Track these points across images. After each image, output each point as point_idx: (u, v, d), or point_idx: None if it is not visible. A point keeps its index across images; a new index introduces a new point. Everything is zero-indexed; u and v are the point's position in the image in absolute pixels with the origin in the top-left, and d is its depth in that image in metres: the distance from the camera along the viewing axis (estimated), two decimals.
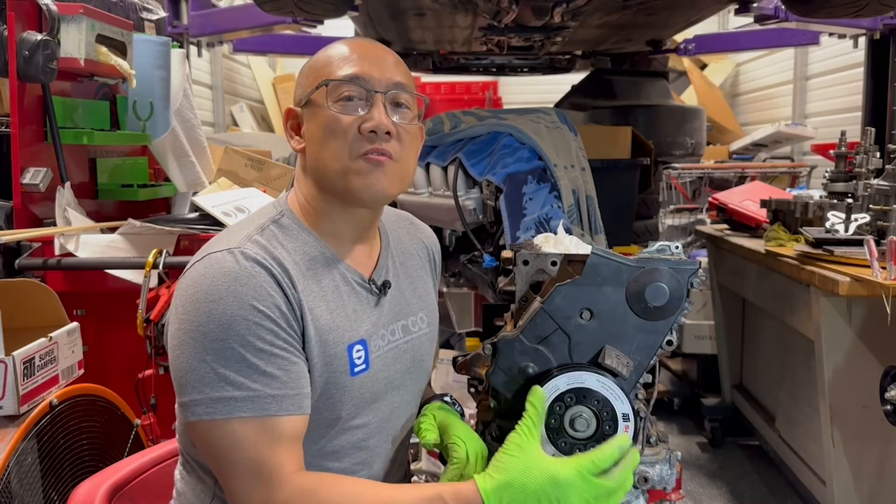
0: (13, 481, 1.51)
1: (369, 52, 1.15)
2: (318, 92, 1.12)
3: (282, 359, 1.02)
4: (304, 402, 1.04)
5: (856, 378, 2.31)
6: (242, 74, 8.10)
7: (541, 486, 0.94)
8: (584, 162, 2.76)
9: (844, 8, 2.80)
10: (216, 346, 1.00)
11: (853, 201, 2.56)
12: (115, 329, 2.36)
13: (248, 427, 0.99)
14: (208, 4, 4.38)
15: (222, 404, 0.99)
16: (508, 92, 8.69)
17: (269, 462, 0.99)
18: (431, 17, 3.49)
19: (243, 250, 1.05)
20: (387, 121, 1.10)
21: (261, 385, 1.00)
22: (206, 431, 1.01)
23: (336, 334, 1.10)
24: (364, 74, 1.11)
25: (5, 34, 2.35)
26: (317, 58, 1.17)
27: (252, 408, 0.99)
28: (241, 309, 1.00)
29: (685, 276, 1.12)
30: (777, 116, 7.02)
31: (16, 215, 2.39)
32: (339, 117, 1.10)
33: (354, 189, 1.11)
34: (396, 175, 1.13)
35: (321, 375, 1.08)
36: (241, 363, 1.00)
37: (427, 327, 1.28)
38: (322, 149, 1.11)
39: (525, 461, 0.97)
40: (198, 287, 1.02)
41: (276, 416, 1.00)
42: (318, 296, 1.09)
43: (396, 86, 1.13)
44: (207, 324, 1.00)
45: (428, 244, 1.38)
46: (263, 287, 1.02)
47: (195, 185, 3.08)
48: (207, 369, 1.00)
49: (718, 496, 3.03)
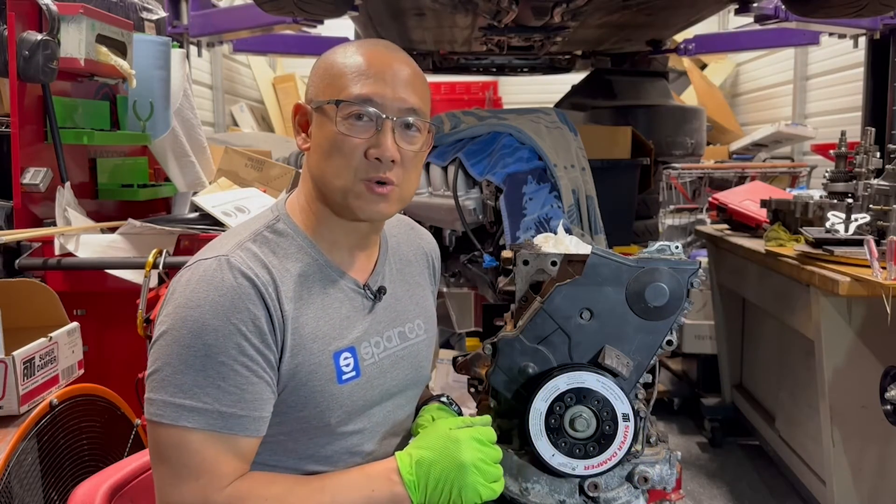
0: (13, 481, 1.51)
1: (386, 66, 1.11)
2: (329, 105, 1.10)
3: (241, 377, 1.02)
4: (254, 424, 1.04)
5: (856, 378, 2.31)
6: (242, 74, 8.10)
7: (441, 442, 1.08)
8: (584, 162, 2.76)
9: (844, 8, 2.80)
10: (182, 353, 1.01)
11: (853, 201, 2.56)
12: (115, 329, 2.36)
13: (193, 435, 1.00)
14: (208, 4, 4.38)
15: (172, 409, 1.00)
16: (508, 92, 8.68)
17: (207, 470, 1.00)
18: (431, 17, 3.49)
19: (230, 260, 1.05)
20: (393, 149, 1.09)
21: (212, 399, 1.00)
22: (153, 431, 1.03)
23: (321, 342, 1.09)
24: (377, 97, 1.09)
25: (5, 34, 2.35)
26: (332, 61, 1.13)
27: (198, 420, 1.00)
28: (214, 319, 1.01)
29: (685, 276, 1.12)
30: (777, 116, 7.01)
31: (16, 215, 2.39)
32: (346, 138, 1.08)
33: (353, 209, 1.11)
34: (397, 199, 1.13)
35: (305, 385, 1.07)
36: (200, 374, 1.00)
37: (425, 334, 1.27)
38: (326, 162, 1.11)
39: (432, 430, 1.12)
40: (182, 292, 1.04)
41: (221, 433, 1.01)
42: (306, 304, 1.09)
43: (408, 111, 1.11)
44: (181, 328, 1.01)
45: (427, 250, 1.37)
46: (243, 300, 1.02)
47: (195, 185, 3.07)
48: (169, 372, 1.01)
49: (718, 496, 3.03)
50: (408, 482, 1.05)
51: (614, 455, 1.11)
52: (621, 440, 1.10)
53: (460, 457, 1.05)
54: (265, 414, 1.05)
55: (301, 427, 1.09)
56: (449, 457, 1.05)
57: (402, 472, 1.05)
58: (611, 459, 1.11)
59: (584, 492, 1.15)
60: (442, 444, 1.07)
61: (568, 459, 1.11)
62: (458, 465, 1.05)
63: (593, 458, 1.11)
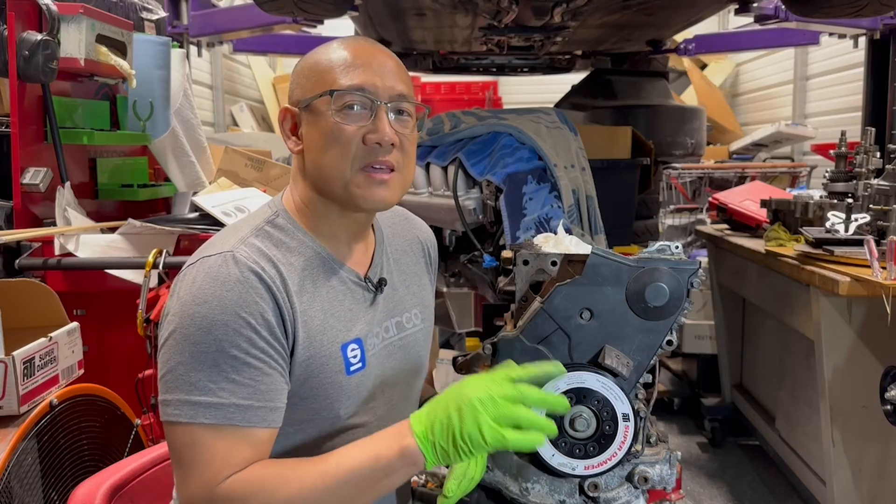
0: (13, 481, 1.51)
1: (371, 58, 1.13)
2: (320, 99, 1.11)
3: (255, 369, 1.02)
4: (271, 415, 1.04)
5: (856, 378, 2.31)
6: (242, 74, 8.10)
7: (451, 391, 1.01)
8: (584, 162, 2.76)
9: (844, 8, 2.80)
10: (193, 350, 1.00)
11: (853, 201, 2.56)
12: (115, 329, 2.36)
13: (210, 432, 1.00)
14: (208, 4, 4.38)
15: (188, 408, 1.00)
16: (508, 92, 8.69)
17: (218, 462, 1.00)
18: (431, 17, 3.49)
19: (235, 255, 1.05)
20: (391, 132, 1.10)
21: (227, 393, 1.00)
22: (171, 431, 1.03)
23: (330, 335, 1.10)
24: (368, 85, 1.10)
25: (5, 34, 2.35)
26: (316, 59, 1.15)
27: (216, 415, 1.00)
28: (223, 314, 1.00)
29: (685, 276, 1.12)
30: (777, 116, 7.01)
31: (16, 215, 2.39)
32: (342, 127, 1.09)
33: (356, 198, 1.11)
34: (399, 185, 1.14)
35: (316, 377, 1.08)
36: (213, 369, 1.00)
37: (422, 323, 1.28)
38: (323, 156, 1.11)
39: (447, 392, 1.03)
40: (188, 290, 1.03)
41: (239, 426, 1.01)
42: (312, 297, 1.10)
43: (399, 97, 1.13)
44: (189, 326, 1.01)
45: (423, 239, 1.38)
46: (250, 294, 1.02)
47: (195, 185, 3.08)
48: (182, 371, 1.01)
49: (718, 496, 3.03)
50: (418, 433, 1.00)
51: (614, 455, 1.11)
52: (621, 440, 1.10)
53: (465, 392, 0.98)
54: (280, 404, 1.05)
55: (310, 418, 1.10)
56: (454, 396, 0.99)
57: (414, 424, 1.01)
58: (611, 459, 1.11)
59: (584, 492, 1.15)
60: (450, 391, 1.01)
61: (568, 459, 1.11)
62: (459, 400, 0.98)
63: (593, 458, 1.11)
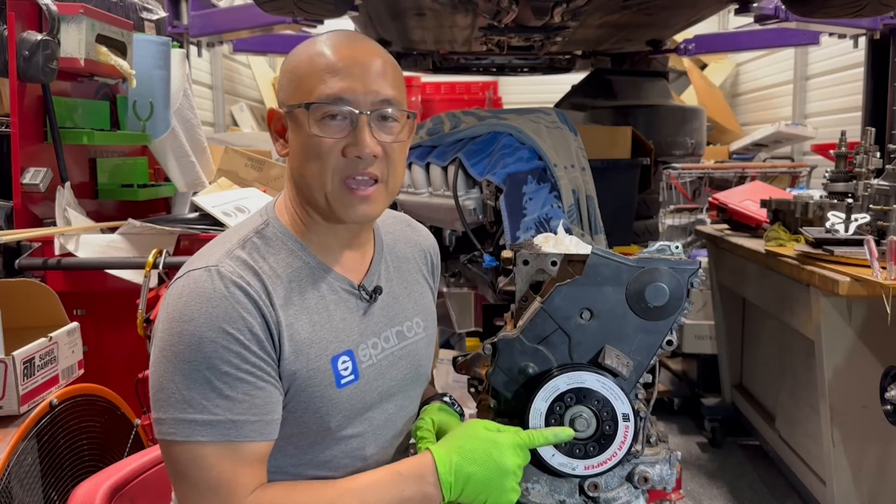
0: (13, 481, 1.51)
1: (354, 60, 1.07)
2: (299, 109, 1.07)
3: (247, 384, 1.01)
4: (267, 428, 1.03)
5: (856, 378, 2.31)
6: (242, 74, 8.10)
7: (484, 447, 1.06)
8: (584, 162, 2.76)
9: (844, 8, 2.80)
10: (184, 368, 0.99)
11: (853, 201, 2.56)
12: (115, 329, 2.36)
13: (208, 450, 0.99)
14: (208, 4, 4.38)
15: (184, 426, 0.99)
16: (508, 92, 8.68)
17: (227, 483, 0.99)
18: (431, 17, 3.49)
19: (220, 269, 1.03)
20: (373, 144, 1.06)
21: (222, 410, 0.99)
22: (168, 449, 1.01)
23: (318, 348, 1.08)
24: (347, 93, 1.05)
25: (5, 34, 2.35)
26: (298, 60, 1.10)
27: (211, 432, 0.99)
28: (210, 331, 0.99)
29: (685, 276, 1.12)
30: (777, 116, 7.01)
31: (16, 215, 2.39)
32: (321, 140, 1.05)
33: (338, 213, 1.09)
34: (383, 197, 1.11)
35: (304, 391, 1.06)
36: (206, 386, 0.99)
37: (424, 332, 1.25)
38: (305, 167, 1.08)
39: (470, 432, 1.09)
40: (174, 306, 1.02)
41: (236, 442, 1.00)
42: (299, 309, 1.07)
43: (382, 102, 1.07)
44: (178, 344, 1.00)
45: (425, 247, 1.34)
46: (236, 309, 1.01)
47: (195, 185, 3.08)
48: (174, 390, 1.00)
49: (718, 496, 3.03)
50: (445, 483, 1.04)
51: (614, 455, 1.11)
52: (621, 440, 1.10)
53: (505, 463, 1.05)
54: (276, 416, 1.04)
55: (301, 431, 1.08)
56: (493, 463, 1.05)
57: (441, 473, 1.04)
58: (611, 459, 1.11)
59: (584, 492, 1.15)
60: (484, 448, 1.06)
61: (568, 459, 1.11)
62: (501, 472, 1.05)
63: (593, 458, 1.11)
